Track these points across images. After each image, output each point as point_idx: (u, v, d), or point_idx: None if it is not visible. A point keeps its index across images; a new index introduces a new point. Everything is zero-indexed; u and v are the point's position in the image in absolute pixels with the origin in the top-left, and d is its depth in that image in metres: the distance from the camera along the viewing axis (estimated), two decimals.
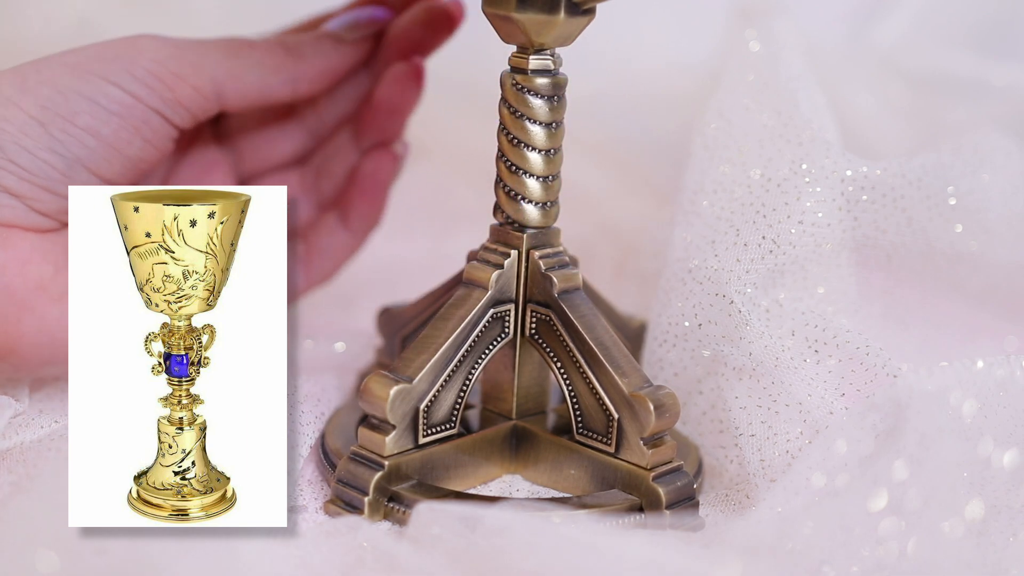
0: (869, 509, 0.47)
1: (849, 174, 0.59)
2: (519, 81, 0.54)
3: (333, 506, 0.52)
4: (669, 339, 0.59)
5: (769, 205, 0.58)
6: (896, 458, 0.47)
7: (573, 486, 0.55)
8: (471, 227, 0.67)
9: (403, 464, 0.52)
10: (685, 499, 0.53)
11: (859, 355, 0.55)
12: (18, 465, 0.53)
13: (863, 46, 0.91)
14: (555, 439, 0.56)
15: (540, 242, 0.55)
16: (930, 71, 0.85)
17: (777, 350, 0.56)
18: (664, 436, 0.53)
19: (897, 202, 0.60)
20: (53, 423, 0.55)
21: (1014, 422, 0.50)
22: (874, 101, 0.82)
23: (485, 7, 0.53)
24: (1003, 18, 0.97)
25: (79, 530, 0.44)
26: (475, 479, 0.55)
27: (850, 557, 0.47)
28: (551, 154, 0.54)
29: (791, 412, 0.55)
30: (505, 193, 0.55)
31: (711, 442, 0.57)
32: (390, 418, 0.52)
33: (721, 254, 0.58)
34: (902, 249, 0.62)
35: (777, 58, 0.62)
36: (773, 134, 0.60)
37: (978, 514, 0.49)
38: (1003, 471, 0.50)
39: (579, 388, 0.54)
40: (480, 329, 0.54)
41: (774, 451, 0.54)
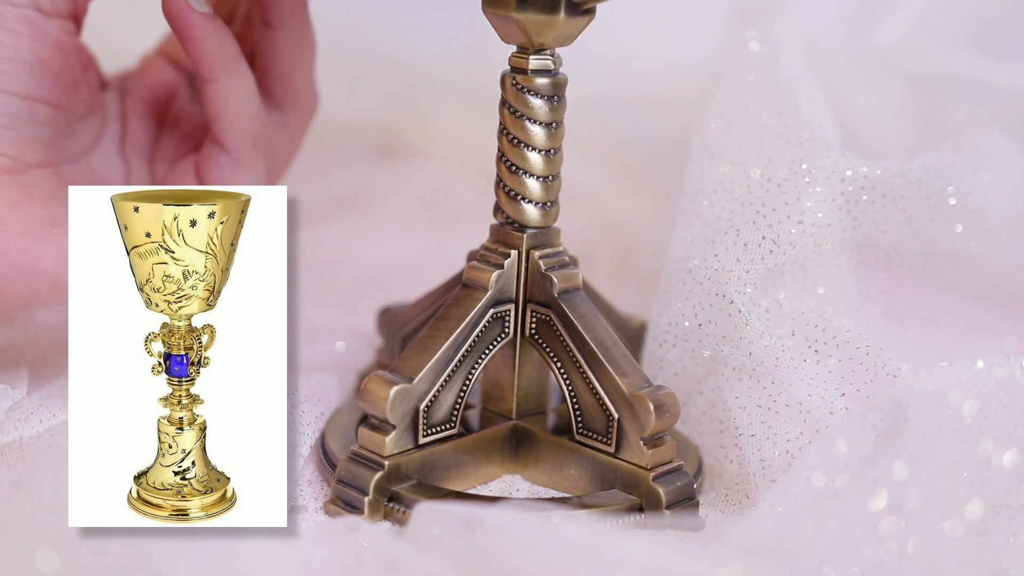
0: (869, 509, 0.47)
1: (849, 174, 0.59)
2: (519, 81, 0.54)
3: (333, 506, 0.52)
4: (669, 339, 0.59)
5: (769, 205, 0.58)
6: (896, 458, 0.47)
7: (573, 486, 0.55)
8: (471, 227, 0.67)
9: (403, 464, 0.52)
10: (685, 499, 0.53)
11: (859, 355, 0.55)
12: (17, 462, 0.53)
13: (863, 46, 0.91)
14: (555, 439, 0.56)
15: (540, 242, 0.55)
16: (930, 71, 0.85)
17: (777, 350, 0.56)
18: (664, 436, 0.53)
19: (897, 202, 0.60)
20: (52, 416, 0.55)
21: (1014, 422, 0.50)
22: (874, 101, 0.82)
23: (485, 7, 0.53)
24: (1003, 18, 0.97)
25: (79, 530, 0.44)
26: (475, 479, 0.55)
27: (850, 557, 0.47)
28: (551, 154, 0.54)
29: (791, 412, 0.55)
30: (505, 193, 0.55)
31: (711, 442, 0.57)
32: (390, 418, 0.52)
33: (721, 254, 0.58)
34: (902, 249, 0.62)
35: (777, 58, 0.62)
36: (773, 134, 0.60)
37: (978, 514, 0.49)
38: (1003, 471, 0.50)
39: (579, 388, 0.54)
40: (480, 329, 0.54)
41: (774, 451, 0.54)
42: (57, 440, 0.53)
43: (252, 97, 0.58)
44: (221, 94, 0.57)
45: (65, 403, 0.56)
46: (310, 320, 0.65)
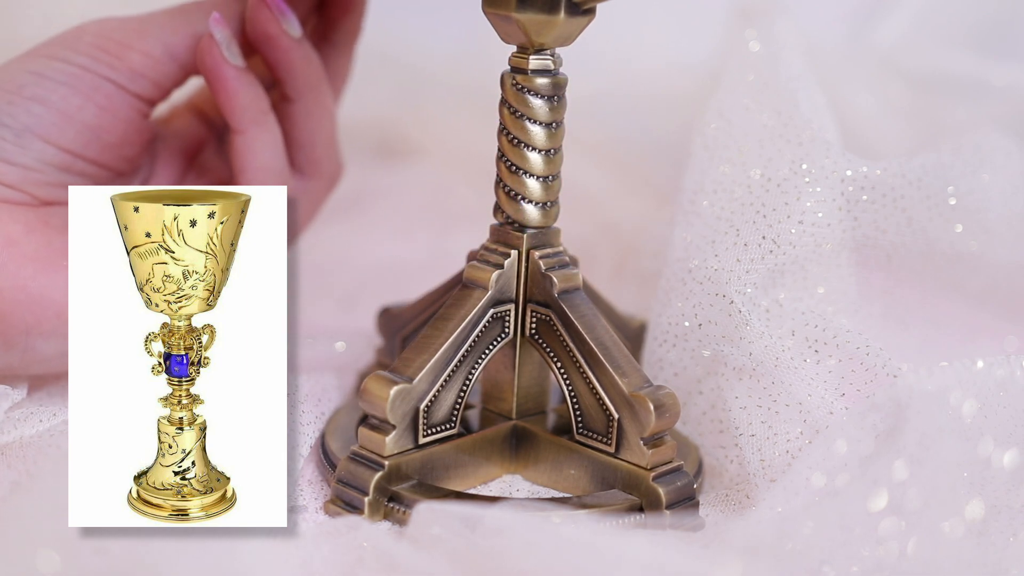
0: (869, 509, 0.47)
1: (849, 174, 0.59)
2: (519, 81, 0.54)
3: (333, 506, 0.52)
4: (669, 339, 0.59)
5: (769, 205, 0.58)
6: (896, 458, 0.47)
7: (573, 486, 0.55)
8: (471, 227, 0.67)
9: (403, 464, 0.52)
10: (685, 499, 0.53)
11: (859, 355, 0.55)
12: (18, 461, 0.53)
13: (863, 46, 0.91)
14: (555, 439, 0.56)
15: (540, 242, 0.55)
16: (930, 71, 0.85)
17: (777, 350, 0.56)
18: (664, 436, 0.53)
19: (897, 202, 0.60)
20: (52, 416, 0.55)
21: (1014, 422, 0.50)
22: (874, 101, 0.82)
23: (485, 7, 0.53)
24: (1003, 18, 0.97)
25: (79, 530, 0.44)
26: (475, 479, 0.55)
27: (850, 557, 0.47)
28: (551, 154, 0.54)
29: (791, 412, 0.55)
30: (505, 193, 0.55)
31: (711, 442, 0.57)
32: (390, 418, 0.52)
33: (721, 254, 0.58)
34: (902, 249, 0.62)
35: (777, 58, 0.62)
36: (773, 134, 0.60)
37: (978, 514, 0.49)
38: (1003, 471, 0.50)
39: (579, 388, 0.54)
40: (480, 329, 0.54)
41: (774, 451, 0.54)
42: (57, 440, 0.53)
43: (278, 152, 0.59)
44: (249, 146, 0.58)
45: (65, 403, 0.56)
46: (310, 320, 0.65)
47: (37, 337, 0.54)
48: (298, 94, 0.60)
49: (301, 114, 0.60)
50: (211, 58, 0.57)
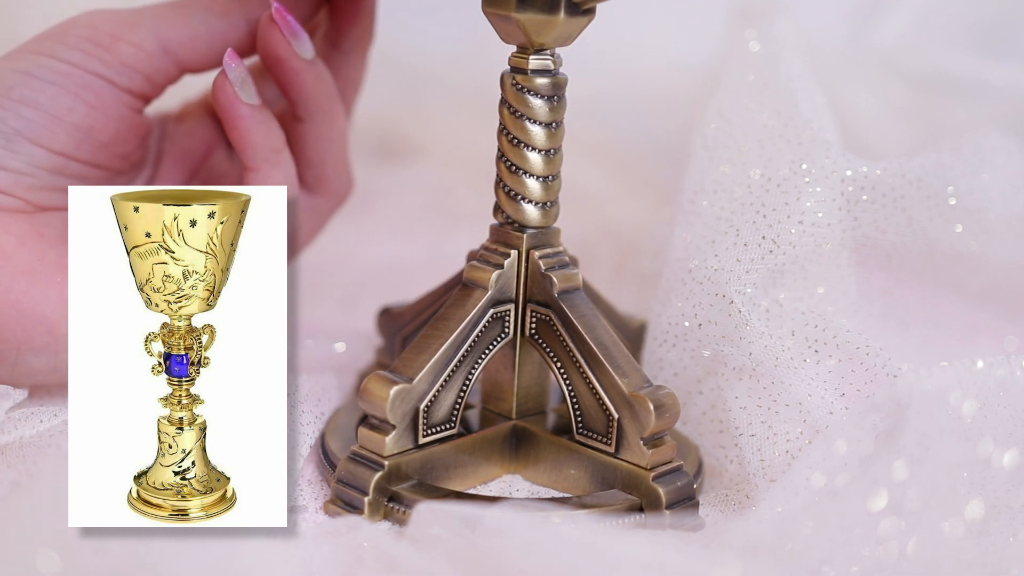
0: (869, 509, 0.47)
1: (849, 174, 0.59)
2: (519, 81, 0.54)
3: (333, 506, 0.52)
4: (669, 339, 0.59)
5: (769, 205, 0.58)
6: (896, 458, 0.47)
7: (573, 486, 0.55)
8: (471, 227, 0.67)
9: (403, 464, 0.52)
10: (685, 499, 0.53)
11: (859, 355, 0.55)
12: (18, 461, 0.53)
13: (863, 46, 0.91)
14: (555, 439, 0.56)
15: (540, 242, 0.55)
16: (930, 71, 0.85)
17: (777, 350, 0.56)
18: (664, 436, 0.53)
19: (897, 202, 0.60)
20: (52, 416, 0.55)
21: (1014, 422, 0.50)
22: (874, 101, 0.82)
23: (485, 7, 0.53)
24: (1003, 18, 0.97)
25: (79, 530, 0.44)
26: (475, 479, 0.55)
27: (850, 557, 0.47)
28: (551, 154, 0.54)
29: (791, 412, 0.55)
30: (505, 193, 0.55)
31: (711, 442, 0.57)
32: (390, 418, 0.52)
33: (721, 254, 0.58)
34: (902, 249, 0.62)
35: (777, 58, 0.62)
36: (773, 134, 0.60)
37: (978, 514, 0.49)
38: (1003, 471, 0.50)
39: (579, 388, 0.54)
40: (480, 329, 0.54)
41: (774, 451, 0.54)
42: (57, 440, 0.53)
43: (292, 187, 0.58)
44: (262, 183, 0.57)
45: (65, 403, 0.55)
46: (310, 320, 0.65)
47: (28, 352, 0.53)
48: (309, 115, 0.59)
49: (312, 134, 0.59)
50: (224, 96, 0.56)
